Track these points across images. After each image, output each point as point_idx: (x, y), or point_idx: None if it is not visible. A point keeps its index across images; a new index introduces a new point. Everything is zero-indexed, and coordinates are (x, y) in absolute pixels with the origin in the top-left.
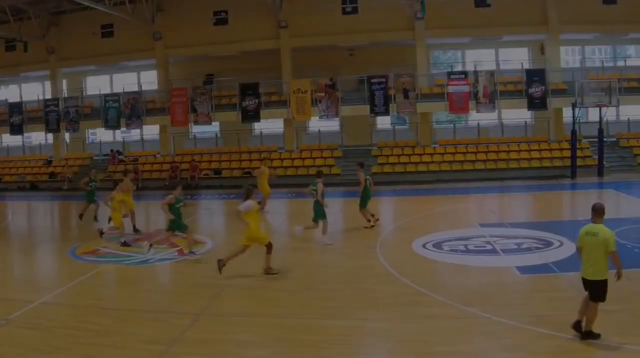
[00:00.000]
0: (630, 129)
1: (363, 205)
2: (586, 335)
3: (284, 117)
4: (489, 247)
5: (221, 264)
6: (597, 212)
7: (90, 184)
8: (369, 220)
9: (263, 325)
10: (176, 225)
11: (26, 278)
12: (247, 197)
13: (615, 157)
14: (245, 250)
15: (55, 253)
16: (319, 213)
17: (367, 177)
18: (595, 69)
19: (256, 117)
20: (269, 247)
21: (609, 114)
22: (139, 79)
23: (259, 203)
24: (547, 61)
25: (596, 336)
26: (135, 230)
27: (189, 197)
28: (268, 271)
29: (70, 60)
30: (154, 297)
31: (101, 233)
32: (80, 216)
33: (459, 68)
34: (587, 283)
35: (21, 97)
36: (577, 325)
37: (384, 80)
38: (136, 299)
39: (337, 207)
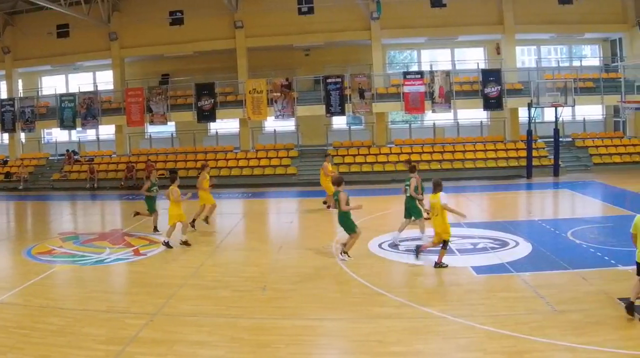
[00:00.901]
0: (585, 129)
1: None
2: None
3: (240, 117)
4: None
5: (440, 264)
6: None
7: (151, 189)
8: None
9: (218, 325)
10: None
11: None
12: (438, 188)
13: (570, 157)
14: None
15: (10, 253)
16: (414, 211)
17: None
18: (551, 68)
19: (212, 117)
20: (446, 243)
21: (565, 114)
22: (94, 79)
23: (324, 202)
24: (502, 61)
25: None
26: (206, 222)
27: (144, 197)
28: (439, 264)
29: (26, 60)
30: (110, 297)
31: (167, 244)
32: (155, 228)
33: (414, 68)
34: None
35: None
36: (630, 307)
37: (339, 80)
38: (91, 299)
39: (292, 206)
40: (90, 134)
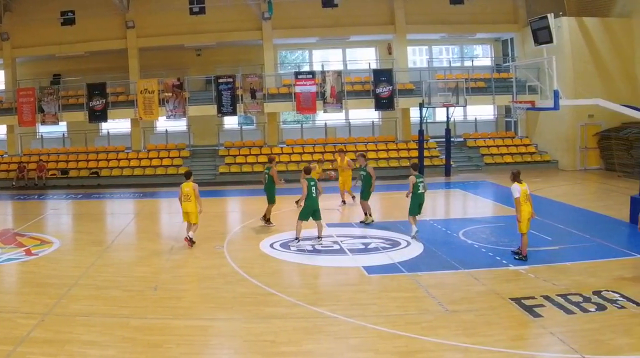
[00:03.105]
0: (477, 129)
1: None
2: None
3: (131, 117)
4: (336, 246)
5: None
6: None
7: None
8: None
9: (109, 325)
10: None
11: None
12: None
13: (462, 157)
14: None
15: None
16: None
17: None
18: (443, 69)
19: (103, 117)
20: None
21: (456, 114)
22: None
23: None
24: (394, 61)
25: None
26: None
27: (36, 197)
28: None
29: None
30: (1, 297)
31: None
32: (268, 220)
33: (306, 68)
34: None
35: None
36: None
37: (231, 80)
38: None
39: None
40: None
